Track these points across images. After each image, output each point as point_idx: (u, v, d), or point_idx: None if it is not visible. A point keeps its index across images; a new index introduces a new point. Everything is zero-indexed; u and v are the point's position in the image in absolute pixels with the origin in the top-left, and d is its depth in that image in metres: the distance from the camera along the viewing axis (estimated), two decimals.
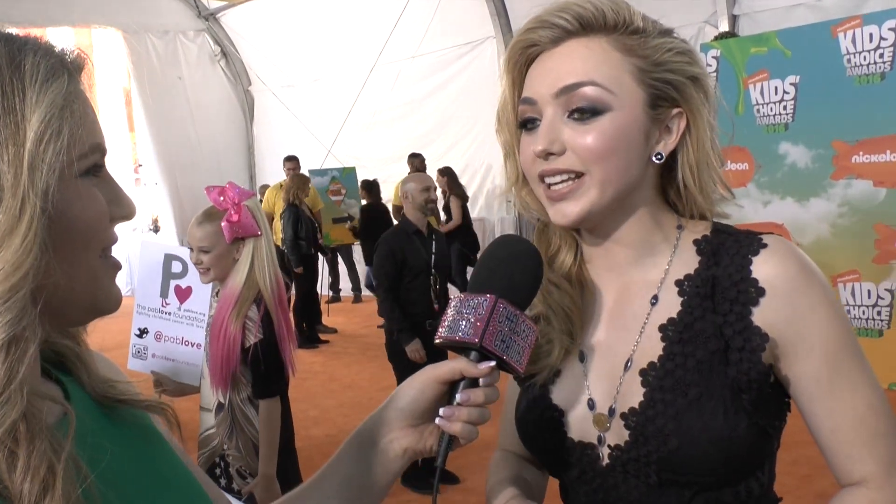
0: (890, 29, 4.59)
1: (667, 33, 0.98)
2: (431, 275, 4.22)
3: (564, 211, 0.96)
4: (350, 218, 9.08)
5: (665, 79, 0.96)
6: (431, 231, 4.36)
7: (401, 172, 8.37)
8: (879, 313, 4.87)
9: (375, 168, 9.41)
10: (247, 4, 10.66)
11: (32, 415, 0.59)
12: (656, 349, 0.97)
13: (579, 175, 0.94)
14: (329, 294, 8.87)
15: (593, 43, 0.95)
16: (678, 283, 0.99)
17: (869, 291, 4.89)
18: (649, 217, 1.01)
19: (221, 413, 2.50)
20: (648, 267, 1.02)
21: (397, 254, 4.13)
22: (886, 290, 4.83)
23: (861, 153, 4.80)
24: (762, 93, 5.15)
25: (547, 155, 0.95)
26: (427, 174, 4.92)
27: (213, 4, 11.17)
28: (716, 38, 5.79)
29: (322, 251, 8.23)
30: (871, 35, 4.65)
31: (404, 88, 9.81)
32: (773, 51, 5.07)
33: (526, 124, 0.99)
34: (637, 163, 0.96)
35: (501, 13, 8.77)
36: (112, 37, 11.03)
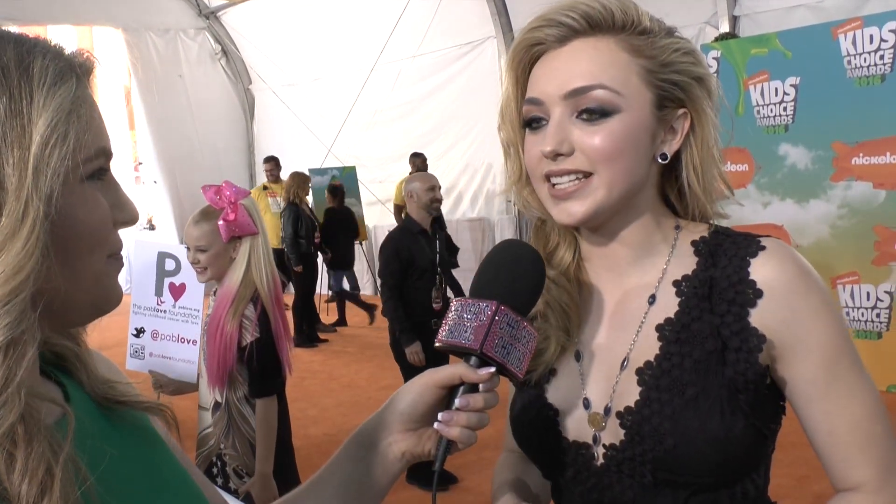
0: (890, 30, 4.59)
1: (671, 33, 0.98)
2: (437, 274, 4.22)
3: (570, 210, 0.96)
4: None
5: (672, 80, 0.96)
6: (435, 230, 4.36)
7: (401, 172, 8.38)
8: (878, 315, 4.87)
9: (375, 167, 9.41)
10: (247, 3, 10.65)
11: (31, 416, 0.59)
12: (653, 349, 0.97)
13: (587, 175, 0.94)
14: (329, 293, 8.86)
15: (601, 43, 0.94)
16: (676, 284, 0.99)
17: (868, 293, 4.89)
18: (651, 217, 1.01)
19: (218, 412, 2.50)
20: (647, 267, 1.02)
21: (403, 253, 4.09)
22: (886, 293, 4.82)
23: (861, 155, 4.80)
24: (762, 94, 5.15)
25: (556, 156, 0.94)
26: (431, 174, 4.91)
27: (214, 3, 11.16)
28: (716, 39, 5.79)
29: (321, 250, 8.21)
30: (872, 37, 4.65)
31: (405, 88, 9.80)
32: (774, 52, 5.07)
33: (531, 123, 0.98)
34: (643, 163, 0.96)
35: (502, 13, 8.76)
36: (112, 35, 11.03)
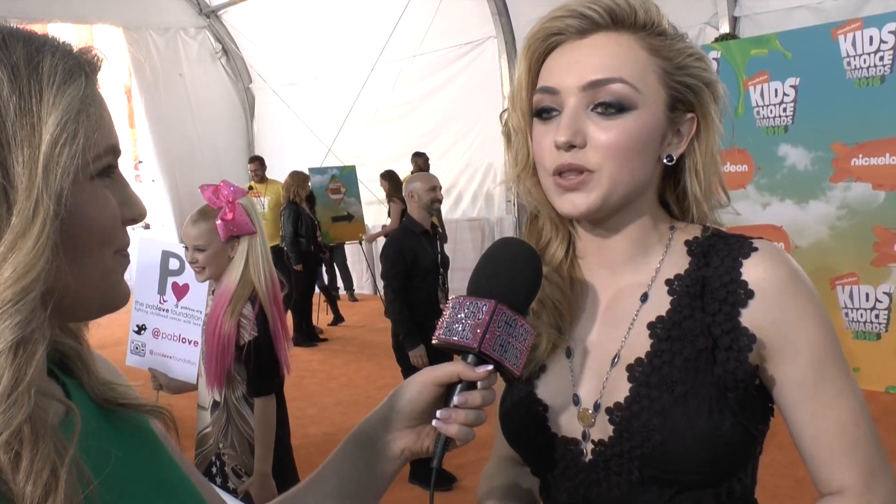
0: (890, 32, 4.59)
1: (683, 38, 0.99)
2: (440, 274, 4.20)
3: (575, 202, 0.96)
4: (350, 217, 9.06)
5: (686, 83, 0.97)
6: (435, 231, 4.35)
7: (401, 171, 8.37)
8: (877, 316, 4.87)
9: (376, 167, 9.38)
10: (248, 2, 10.64)
11: (38, 416, 0.59)
12: (644, 346, 0.98)
13: (592, 171, 0.95)
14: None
15: (622, 39, 0.95)
16: (668, 283, 1.00)
17: (867, 294, 4.89)
18: (649, 217, 1.02)
19: (217, 411, 2.51)
20: (640, 266, 1.03)
21: (407, 254, 4.03)
22: (885, 293, 4.83)
23: (860, 156, 4.81)
24: (762, 95, 5.15)
25: (569, 146, 0.94)
26: (432, 173, 4.89)
27: (215, 2, 11.15)
28: (716, 40, 5.79)
29: (321, 249, 8.21)
30: (871, 38, 4.65)
31: (405, 87, 9.80)
32: (774, 53, 5.07)
33: (541, 113, 0.98)
34: (650, 162, 0.97)
35: (502, 13, 8.75)
36: (113, 33, 11.00)
